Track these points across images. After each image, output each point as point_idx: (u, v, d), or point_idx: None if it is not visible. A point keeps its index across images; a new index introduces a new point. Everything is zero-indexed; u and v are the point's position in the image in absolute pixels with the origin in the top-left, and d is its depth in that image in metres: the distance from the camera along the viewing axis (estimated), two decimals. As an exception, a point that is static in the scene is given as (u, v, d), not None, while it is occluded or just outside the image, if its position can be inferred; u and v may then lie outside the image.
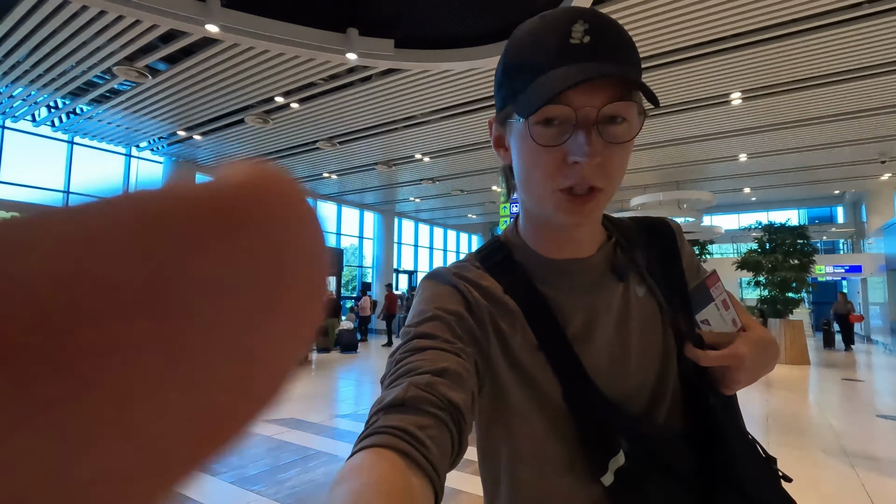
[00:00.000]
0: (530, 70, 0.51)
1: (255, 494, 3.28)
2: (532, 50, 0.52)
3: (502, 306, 0.58)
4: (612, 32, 0.51)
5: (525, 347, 0.57)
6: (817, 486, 3.52)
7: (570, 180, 0.51)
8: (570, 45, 0.49)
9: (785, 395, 6.90)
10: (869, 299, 16.15)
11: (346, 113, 8.13)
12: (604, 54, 0.50)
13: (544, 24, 0.52)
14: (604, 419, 0.54)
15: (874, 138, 9.30)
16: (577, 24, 0.49)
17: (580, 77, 0.47)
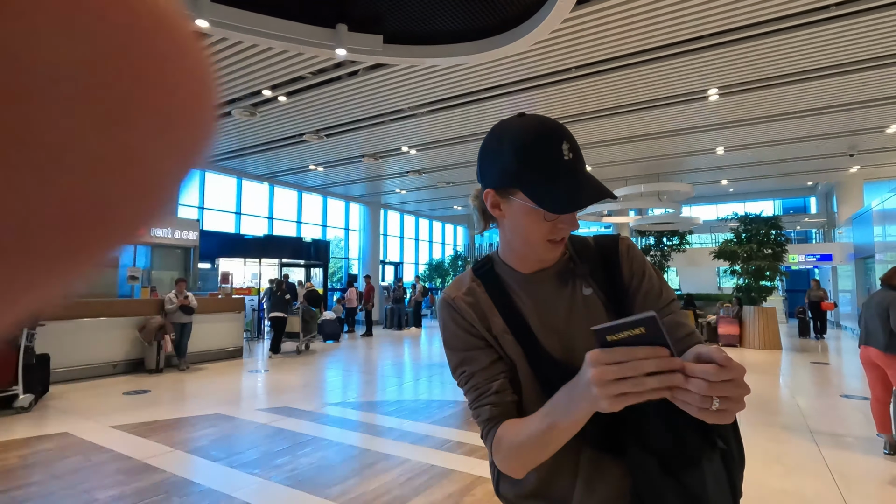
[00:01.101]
0: (546, 177, 0.76)
1: (254, 477, 3.43)
2: (538, 156, 0.77)
3: (484, 304, 0.87)
4: (578, 149, 0.79)
5: (499, 331, 0.85)
6: (782, 460, 3.81)
7: (558, 236, 0.80)
8: (564, 160, 0.76)
9: (757, 377, 7.26)
10: (839, 287, 16.81)
11: (334, 106, 8.18)
12: (580, 166, 0.78)
13: (540, 137, 0.77)
14: (554, 377, 0.74)
15: (844, 132, 9.69)
16: (563, 144, 0.76)
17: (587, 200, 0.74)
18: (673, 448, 0.74)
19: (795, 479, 3.44)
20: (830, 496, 3.14)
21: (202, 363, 8.20)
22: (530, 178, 0.76)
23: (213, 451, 3.96)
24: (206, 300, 8.76)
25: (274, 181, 14.20)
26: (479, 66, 6.67)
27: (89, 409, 5.23)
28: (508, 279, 0.88)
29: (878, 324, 3.86)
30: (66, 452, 3.91)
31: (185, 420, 4.91)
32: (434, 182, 14.07)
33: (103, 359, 7.07)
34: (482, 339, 0.85)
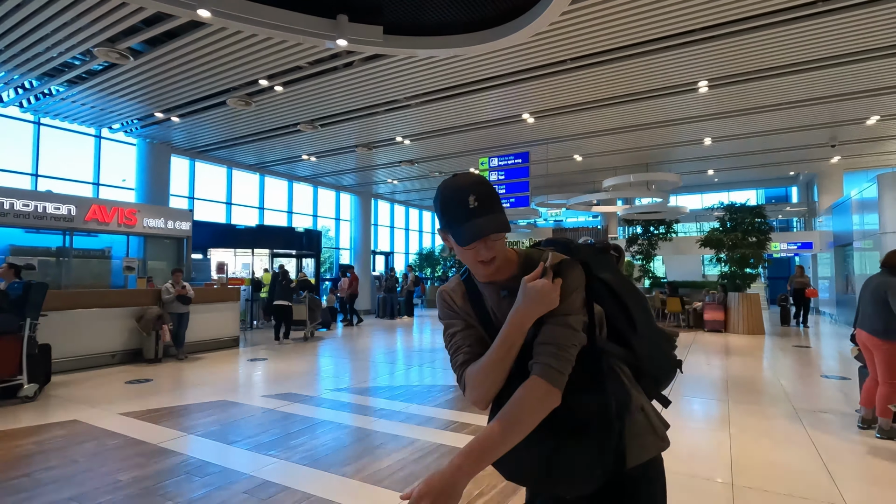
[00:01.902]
0: (455, 220, 1.08)
1: (272, 458, 3.55)
2: (453, 208, 1.08)
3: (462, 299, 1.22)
4: (486, 196, 1.07)
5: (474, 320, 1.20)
6: (769, 435, 4.05)
7: (479, 258, 1.10)
8: (469, 208, 1.05)
9: (742, 360, 7.56)
10: (818, 274, 17.34)
11: (330, 96, 8.20)
12: (484, 210, 1.06)
13: (455, 194, 1.08)
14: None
15: (825, 124, 9.99)
16: (470, 196, 1.06)
17: (473, 234, 1.05)
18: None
19: (782, 451, 3.68)
20: (814, 466, 3.38)
21: (200, 353, 8.25)
22: (448, 223, 1.10)
23: (226, 435, 4.07)
24: (203, 290, 8.78)
25: (264, 171, 14.13)
26: (477, 57, 6.75)
27: (94, 398, 5.28)
28: (479, 285, 1.20)
29: (873, 308, 3.91)
30: (79, 438, 3.98)
31: (192, 406, 4.99)
32: (426, 172, 14.13)
33: (102, 349, 7.09)
34: (462, 316, 1.21)
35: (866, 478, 3.24)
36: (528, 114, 9.15)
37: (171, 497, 2.91)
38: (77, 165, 10.67)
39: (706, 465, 3.39)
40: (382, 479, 3.19)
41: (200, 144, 11.27)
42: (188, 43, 6.27)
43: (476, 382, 1.09)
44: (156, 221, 9.83)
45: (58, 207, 8.43)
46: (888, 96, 8.40)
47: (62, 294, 7.16)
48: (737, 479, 3.15)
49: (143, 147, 10.91)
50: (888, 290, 3.79)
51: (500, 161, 11.15)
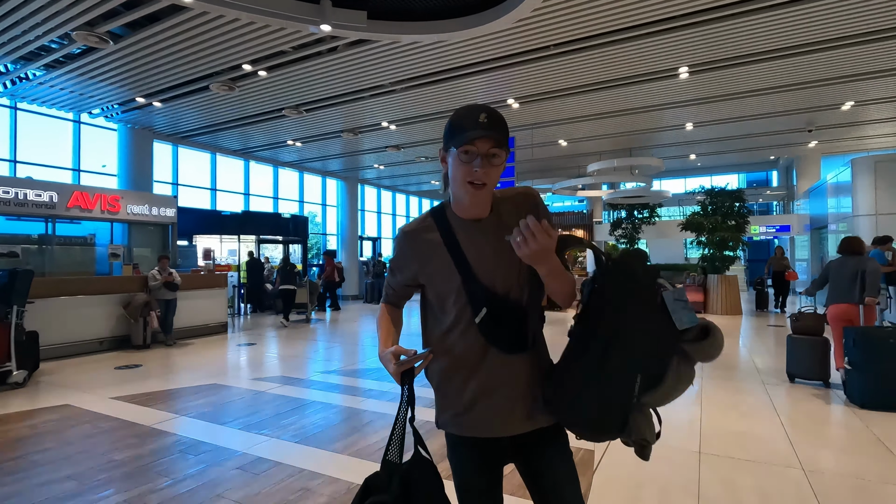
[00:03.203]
0: (460, 130, 1.08)
1: (264, 437, 3.68)
2: (462, 122, 1.09)
3: (434, 239, 1.20)
4: (498, 119, 1.10)
5: (443, 259, 1.19)
6: (738, 408, 4.28)
7: (472, 178, 1.10)
8: (479, 122, 1.07)
9: (718, 340, 7.83)
10: (795, 256, 17.83)
11: (314, 81, 8.16)
12: (492, 127, 1.08)
13: (469, 111, 1.10)
14: (481, 294, 1.15)
15: (803, 109, 10.21)
16: (482, 113, 1.08)
17: (478, 134, 1.06)
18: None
19: (749, 422, 3.91)
20: (777, 434, 3.61)
21: (188, 338, 8.30)
22: (451, 134, 1.09)
23: (218, 416, 4.18)
24: (190, 277, 8.79)
25: (249, 156, 14.01)
26: (461, 42, 6.78)
27: (84, 383, 5.34)
28: (454, 223, 1.19)
29: (850, 284, 4.81)
30: (72, 421, 4.06)
31: (184, 390, 5.09)
32: (412, 157, 14.14)
33: (90, 335, 7.11)
34: (410, 272, 1.26)
35: (820, 443, 3.48)
36: (513, 99, 9.21)
37: (166, 474, 3.02)
38: (55, 151, 10.50)
39: (677, 435, 3.59)
40: (371, 453, 3.33)
41: (183, 130, 11.14)
42: (169, 27, 6.20)
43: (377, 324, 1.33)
44: (140, 208, 9.76)
45: (39, 194, 8.33)
46: (862, 82, 8.62)
47: (48, 281, 7.13)
48: (704, 447, 3.36)
49: (125, 132, 10.75)
50: (865, 268, 4.77)
51: (486, 146, 11.20)
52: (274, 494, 2.74)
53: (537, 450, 1.22)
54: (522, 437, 1.20)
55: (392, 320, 1.31)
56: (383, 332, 1.26)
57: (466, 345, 1.17)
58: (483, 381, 1.17)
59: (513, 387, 1.17)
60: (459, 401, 1.19)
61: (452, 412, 1.22)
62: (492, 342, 1.15)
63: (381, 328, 1.29)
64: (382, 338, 1.24)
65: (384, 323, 1.30)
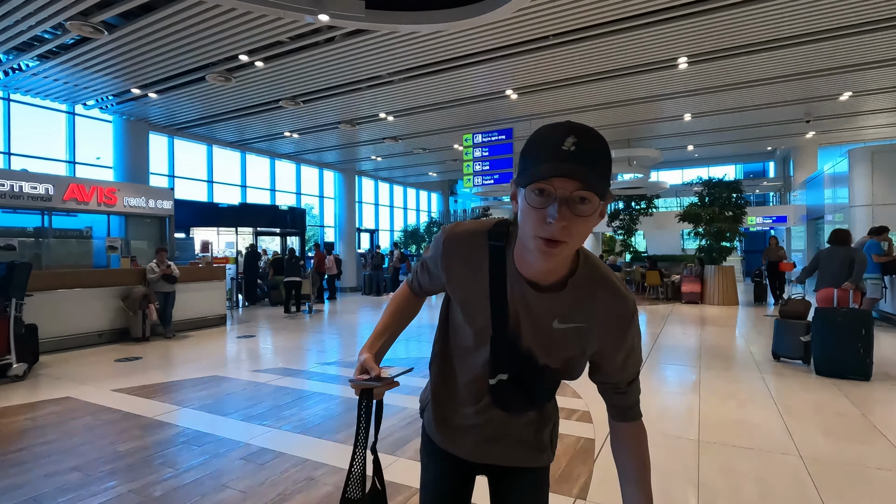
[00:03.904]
0: (534, 160, 0.76)
1: (266, 428, 3.70)
2: (538, 147, 0.77)
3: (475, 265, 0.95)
4: (590, 145, 0.74)
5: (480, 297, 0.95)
6: (736, 396, 4.33)
7: (544, 233, 0.76)
8: (561, 150, 0.73)
9: (716, 329, 7.91)
10: (792, 246, 17.91)
11: (312, 72, 8.10)
12: (581, 159, 0.73)
13: (551, 131, 0.77)
14: (510, 360, 0.96)
15: (801, 100, 10.21)
16: (570, 137, 0.74)
17: (553, 173, 0.73)
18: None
19: (746, 410, 3.95)
20: (774, 422, 3.65)
21: (188, 331, 8.30)
22: (524, 163, 0.78)
23: (220, 408, 4.20)
24: (189, 269, 8.78)
25: (246, 148, 13.93)
26: (459, 32, 6.73)
27: (84, 376, 5.35)
28: (510, 271, 0.92)
29: (839, 270, 5.50)
30: (74, 414, 4.07)
31: (185, 382, 5.10)
32: (410, 149, 14.09)
33: (89, 328, 7.10)
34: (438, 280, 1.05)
35: (817, 430, 3.52)
36: (512, 90, 9.17)
37: (170, 465, 3.04)
38: (50, 143, 10.41)
39: (676, 424, 3.63)
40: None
41: (179, 121, 11.05)
42: (165, 17, 6.13)
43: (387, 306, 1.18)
44: (136, 200, 9.71)
45: (35, 187, 8.28)
46: (861, 72, 8.61)
47: (46, 274, 7.11)
48: (703, 435, 3.40)
49: (120, 124, 10.66)
50: (854, 258, 5.48)
51: (485, 137, 11.19)
52: (278, 484, 2.76)
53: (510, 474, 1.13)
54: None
55: (402, 310, 1.15)
56: (380, 324, 1.12)
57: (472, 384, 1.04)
58: (478, 423, 1.07)
59: (508, 435, 1.08)
60: (449, 420, 1.10)
61: (439, 419, 1.13)
62: (499, 405, 1.02)
63: (383, 317, 1.13)
64: (374, 331, 1.10)
65: (388, 312, 1.14)
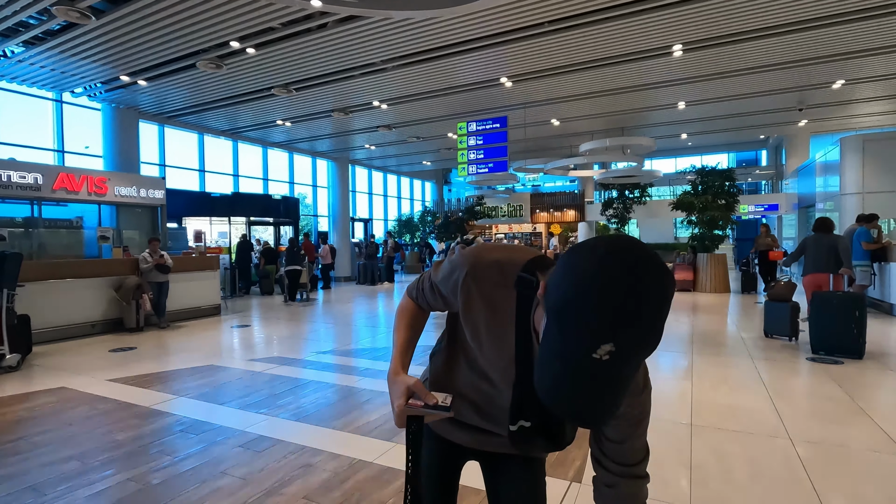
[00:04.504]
0: (559, 347, 0.62)
1: (263, 416, 3.71)
2: (569, 334, 0.60)
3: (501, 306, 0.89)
4: (630, 351, 0.59)
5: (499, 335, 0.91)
6: (728, 382, 4.39)
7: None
8: (592, 358, 0.58)
9: (708, 316, 8.00)
10: (783, 234, 18.08)
11: (304, 59, 8.00)
12: (608, 371, 0.60)
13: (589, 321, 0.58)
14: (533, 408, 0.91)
15: (794, 88, 10.24)
16: (605, 344, 0.57)
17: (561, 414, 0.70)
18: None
19: (738, 395, 4.02)
20: (765, 406, 3.72)
21: (182, 321, 8.28)
22: (552, 333, 0.64)
23: (216, 396, 4.21)
24: (182, 259, 8.73)
25: (238, 137, 13.79)
26: (454, 19, 6.67)
27: (79, 366, 5.33)
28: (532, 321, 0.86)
29: (827, 256, 5.84)
30: (70, 404, 4.07)
31: (181, 371, 5.10)
32: (404, 137, 14.00)
33: (81, 319, 7.06)
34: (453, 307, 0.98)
35: (806, 413, 3.59)
36: (506, 78, 9.12)
37: (169, 452, 3.06)
38: (37, 132, 10.24)
39: (670, 408, 3.69)
40: (371, 430, 3.39)
41: (169, 109, 10.90)
42: (154, 2, 6.02)
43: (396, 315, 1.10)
44: (128, 190, 9.61)
45: (23, 176, 8.16)
46: (853, 60, 8.64)
47: (38, 264, 7.05)
48: (696, 419, 3.46)
49: (109, 112, 10.50)
50: (838, 245, 5.82)
51: (479, 126, 11.15)
52: (277, 471, 2.78)
53: (506, 459, 1.11)
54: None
55: (414, 324, 1.07)
56: (400, 342, 1.02)
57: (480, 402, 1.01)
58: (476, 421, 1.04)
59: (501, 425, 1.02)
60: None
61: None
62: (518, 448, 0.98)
63: (399, 334, 1.03)
64: (398, 350, 1.00)
65: (402, 328, 1.05)
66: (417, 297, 1.08)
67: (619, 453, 0.87)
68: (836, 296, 5.25)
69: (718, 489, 2.51)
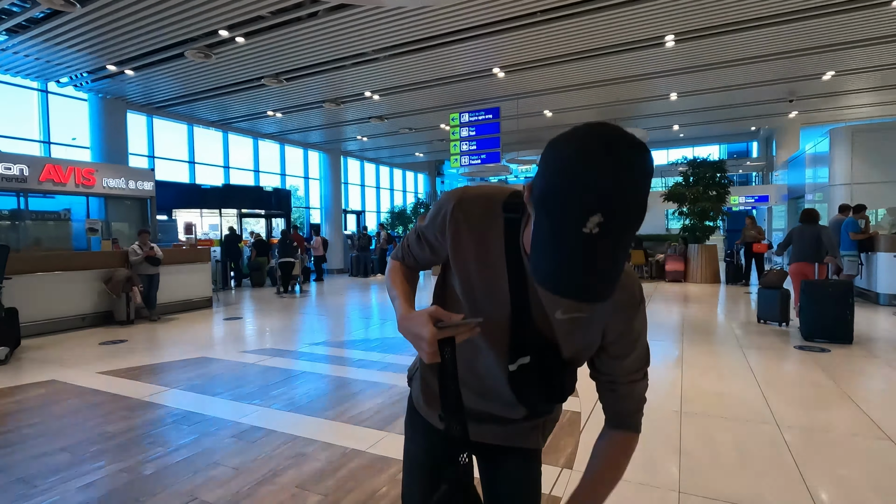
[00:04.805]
0: (550, 229, 0.63)
1: (254, 406, 3.71)
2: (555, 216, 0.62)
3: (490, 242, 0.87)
4: (620, 226, 0.60)
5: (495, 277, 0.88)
6: (717, 369, 4.45)
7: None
8: (581, 233, 0.59)
9: (698, 306, 8.08)
10: (773, 226, 18.26)
11: (295, 48, 7.91)
12: (602, 247, 0.60)
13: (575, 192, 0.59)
14: (531, 342, 0.89)
15: (785, 79, 10.28)
16: (594, 216, 0.58)
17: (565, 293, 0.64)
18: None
19: (726, 382, 4.07)
20: (752, 393, 3.77)
21: (173, 314, 8.23)
22: (541, 221, 0.65)
23: (208, 388, 4.19)
24: (172, 251, 8.66)
25: (228, 128, 13.63)
26: (446, 8, 6.61)
27: (69, 359, 5.29)
28: (523, 247, 0.85)
29: (812, 246, 6.06)
30: (59, 396, 4.04)
31: (173, 364, 5.07)
32: (396, 128, 13.92)
33: (71, 312, 6.99)
34: (441, 252, 0.96)
35: (793, 400, 3.65)
36: (499, 68, 9.07)
37: (161, 444, 3.05)
38: (22, 123, 10.07)
39: (659, 396, 3.73)
40: (364, 419, 3.40)
41: (158, 99, 10.75)
42: (140, -11, 5.91)
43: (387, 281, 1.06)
44: (116, 181, 9.49)
45: (9, 167, 8.04)
46: (843, 52, 8.68)
47: (26, 257, 6.96)
48: (685, 406, 3.50)
49: (96, 102, 10.34)
50: (821, 235, 6.04)
51: (471, 117, 11.10)
52: (270, 460, 2.79)
53: (501, 452, 1.07)
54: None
55: (407, 279, 1.05)
56: (401, 292, 0.98)
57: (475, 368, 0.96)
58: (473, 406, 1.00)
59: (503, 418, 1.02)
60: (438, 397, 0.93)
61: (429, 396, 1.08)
62: (519, 396, 0.93)
63: (397, 287, 1.00)
64: (402, 298, 0.96)
65: (399, 282, 1.02)
66: (404, 256, 1.07)
67: (621, 369, 0.94)
68: (829, 284, 5.45)
69: (707, 474, 2.55)
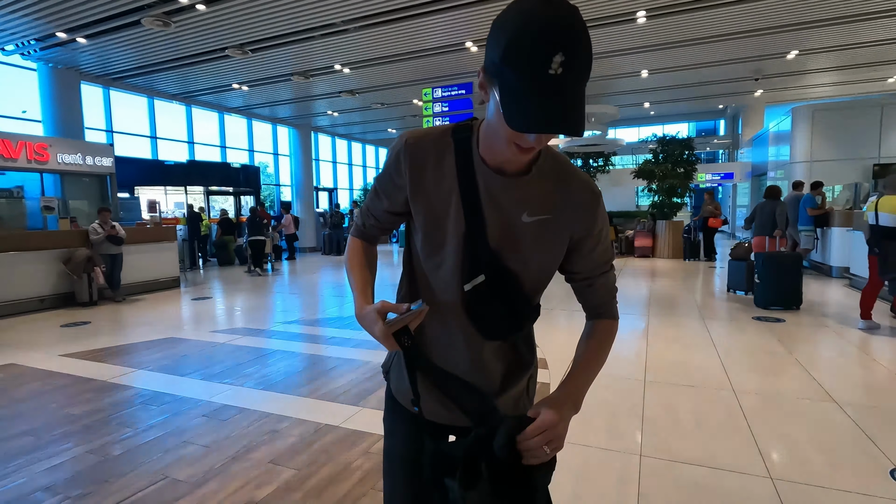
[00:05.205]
0: (520, 84, 0.67)
1: (226, 386, 3.68)
2: (520, 65, 0.66)
3: (445, 165, 0.89)
4: (581, 61, 0.67)
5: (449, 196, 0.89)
6: (679, 340, 4.63)
7: (523, 144, 0.76)
8: (548, 74, 0.65)
9: (663, 280, 8.34)
10: (738, 202, 18.86)
11: (260, 17, 7.58)
12: (568, 85, 0.66)
13: (535, 39, 0.65)
14: (484, 257, 0.89)
15: (752, 58, 10.47)
16: (556, 56, 0.64)
17: (539, 129, 0.69)
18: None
19: (688, 353, 4.25)
20: (712, 362, 3.96)
21: (139, 294, 8.00)
22: (507, 79, 0.69)
23: (177, 368, 4.13)
24: (136, 230, 8.37)
25: (191, 101, 13.08)
26: (416, -22, 6.43)
27: (29, 342, 5.11)
28: (478, 165, 0.88)
29: (770, 221, 6.79)
30: (20, 380, 3.92)
31: (139, 345, 4.96)
32: (368, 104, 13.63)
33: (28, 294, 6.72)
34: (401, 194, 0.94)
35: (749, 368, 3.85)
36: (472, 42, 8.93)
37: (129, 425, 3.01)
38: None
39: (625, 367, 3.87)
40: (337, 395, 3.42)
41: (114, 70, 10.20)
42: (89, -50, 5.53)
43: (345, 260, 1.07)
44: (72, 157, 9.03)
45: (-48, 142, 7.54)
46: (807, 31, 8.88)
47: (-26, 237, 6.61)
48: (649, 376, 3.65)
49: (46, 72, 9.73)
50: (776, 211, 6.76)
51: (444, 92, 10.94)
52: (242, 438, 2.79)
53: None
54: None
55: (366, 262, 1.05)
56: (358, 282, 0.99)
57: (443, 311, 0.94)
58: (444, 359, 0.97)
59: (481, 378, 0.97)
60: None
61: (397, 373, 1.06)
62: (473, 318, 0.93)
63: (355, 275, 1.01)
64: (358, 290, 0.97)
65: (357, 268, 1.02)
66: (364, 221, 1.06)
67: (593, 263, 0.97)
68: (782, 255, 5.91)
69: (667, 438, 2.68)
